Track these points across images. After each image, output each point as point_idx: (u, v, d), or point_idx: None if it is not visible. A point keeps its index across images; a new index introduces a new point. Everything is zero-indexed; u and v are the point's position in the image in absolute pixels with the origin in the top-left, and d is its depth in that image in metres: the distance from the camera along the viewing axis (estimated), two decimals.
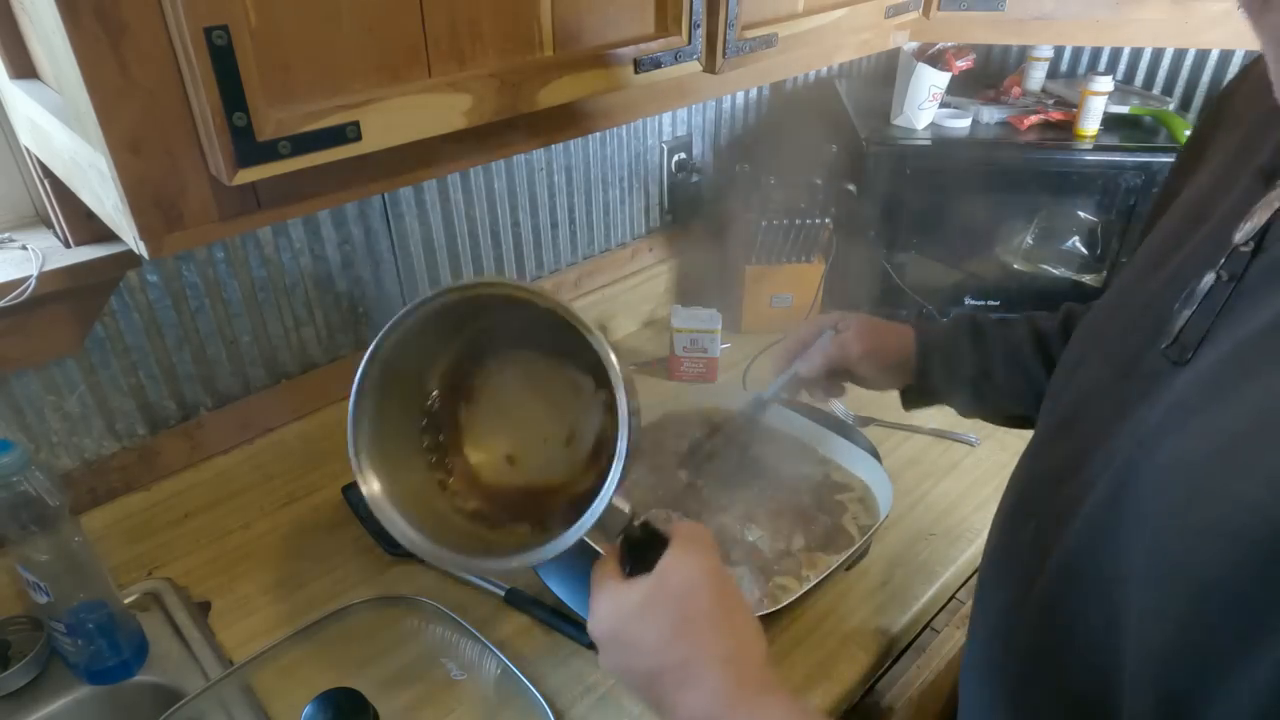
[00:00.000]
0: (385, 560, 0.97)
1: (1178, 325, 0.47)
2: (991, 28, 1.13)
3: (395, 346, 0.63)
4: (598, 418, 0.66)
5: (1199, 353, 0.46)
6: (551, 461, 0.67)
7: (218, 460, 0.99)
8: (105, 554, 0.86)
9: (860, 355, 0.85)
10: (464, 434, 0.69)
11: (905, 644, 0.93)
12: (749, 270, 1.36)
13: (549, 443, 0.67)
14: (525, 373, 0.69)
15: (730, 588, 0.55)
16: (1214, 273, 0.46)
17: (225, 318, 0.96)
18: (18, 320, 0.77)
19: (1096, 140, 1.32)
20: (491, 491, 0.69)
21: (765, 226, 1.32)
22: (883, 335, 0.86)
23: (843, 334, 0.86)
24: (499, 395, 0.69)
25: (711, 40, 0.79)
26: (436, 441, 0.69)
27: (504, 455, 0.69)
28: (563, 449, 0.67)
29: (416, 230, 1.10)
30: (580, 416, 0.66)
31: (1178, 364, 0.47)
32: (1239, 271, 0.45)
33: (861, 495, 1.01)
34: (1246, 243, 0.45)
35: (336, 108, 0.56)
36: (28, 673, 0.80)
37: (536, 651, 0.86)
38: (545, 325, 0.61)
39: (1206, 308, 0.46)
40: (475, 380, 0.69)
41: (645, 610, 0.54)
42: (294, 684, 0.81)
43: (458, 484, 0.69)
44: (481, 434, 0.69)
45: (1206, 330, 0.46)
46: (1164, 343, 0.48)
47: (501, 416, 0.69)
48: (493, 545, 0.66)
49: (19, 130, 0.74)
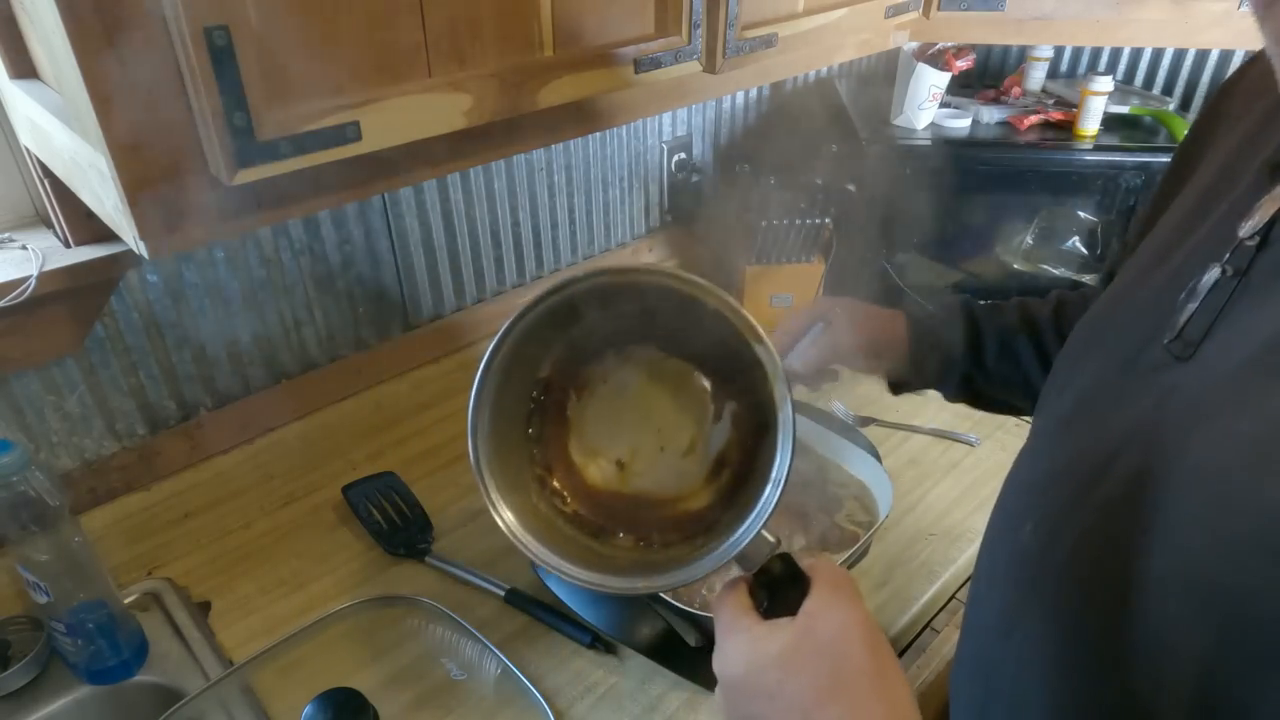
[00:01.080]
0: (385, 560, 0.97)
1: (1181, 320, 0.47)
2: (991, 28, 1.13)
3: (523, 331, 0.58)
4: (725, 431, 0.61)
5: (1202, 348, 0.45)
6: (666, 472, 0.62)
7: (218, 460, 0.99)
8: (105, 554, 0.86)
9: (854, 349, 0.84)
10: (570, 430, 0.63)
11: (905, 644, 0.93)
12: (749, 270, 1.36)
13: (666, 451, 0.62)
14: (649, 372, 0.63)
15: (884, 644, 0.49)
16: (1219, 267, 0.46)
17: (225, 318, 0.96)
18: (18, 320, 0.77)
19: (1096, 140, 1.32)
20: (595, 496, 0.63)
21: (765, 226, 1.32)
22: (875, 326, 0.85)
23: (835, 327, 0.85)
24: (616, 393, 0.63)
25: (711, 40, 0.79)
26: (541, 433, 0.63)
27: (614, 459, 0.63)
28: (679, 460, 0.62)
29: (416, 230, 1.10)
30: (705, 427, 0.61)
31: (1180, 359, 0.46)
32: (1244, 266, 0.45)
33: (861, 495, 1.01)
34: (1252, 237, 0.45)
35: (336, 108, 0.56)
36: (28, 673, 0.80)
37: (536, 651, 0.86)
38: (689, 323, 0.57)
39: (1210, 303, 0.46)
40: (591, 372, 0.63)
41: (792, 659, 0.48)
42: (294, 684, 0.81)
43: (560, 482, 0.63)
44: (592, 433, 0.63)
45: (1210, 326, 0.45)
46: (1167, 337, 0.47)
47: (616, 417, 0.63)
48: (609, 560, 0.61)
49: (19, 130, 0.74)
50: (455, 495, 1.07)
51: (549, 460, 0.63)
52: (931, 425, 1.18)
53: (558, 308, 0.58)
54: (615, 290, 0.58)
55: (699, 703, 0.81)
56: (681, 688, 0.82)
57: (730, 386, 0.61)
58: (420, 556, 0.97)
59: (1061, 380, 0.60)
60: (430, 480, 1.09)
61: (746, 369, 0.55)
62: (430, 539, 0.99)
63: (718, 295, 0.54)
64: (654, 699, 0.81)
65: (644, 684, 0.82)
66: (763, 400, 0.56)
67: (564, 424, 0.63)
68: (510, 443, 0.60)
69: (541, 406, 0.63)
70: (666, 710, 0.80)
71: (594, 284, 0.57)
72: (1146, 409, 0.47)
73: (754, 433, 0.59)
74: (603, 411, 0.63)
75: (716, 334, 0.56)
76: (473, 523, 1.03)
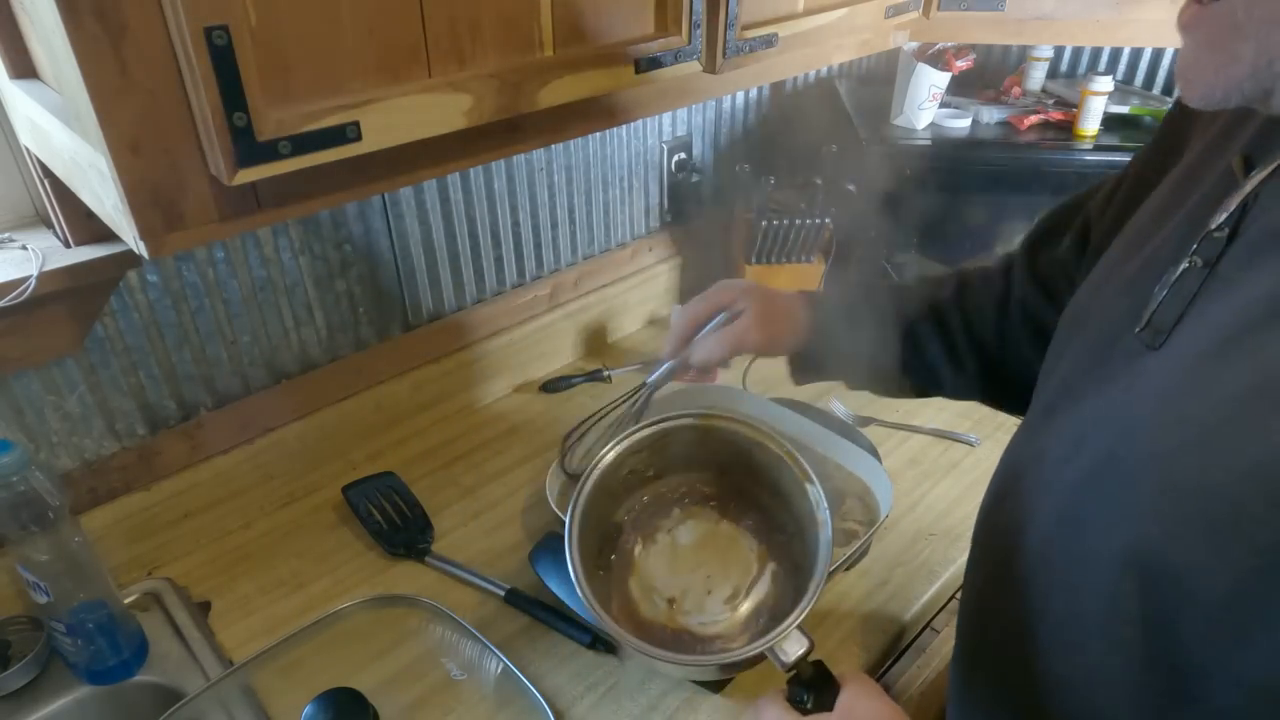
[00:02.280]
0: (385, 560, 0.97)
1: (1151, 309, 0.48)
2: (991, 28, 1.13)
3: (611, 465, 0.72)
4: (765, 588, 0.73)
5: (1171, 337, 0.46)
6: (710, 614, 0.73)
7: (218, 460, 0.99)
8: (105, 554, 0.86)
9: (757, 344, 0.80)
10: (634, 568, 0.75)
11: (905, 644, 0.93)
12: (749, 270, 1.36)
13: (713, 595, 0.74)
14: (706, 532, 0.77)
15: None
16: (1189, 258, 0.47)
17: (225, 318, 0.96)
18: (18, 320, 0.77)
19: (1096, 140, 1.32)
20: (644, 624, 0.73)
21: (765, 226, 1.32)
22: (779, 320, 0.81)
23: (739, 321, 0.80)
24: (676, 544, 0.77)
25: (711, 40, 0.79)
26: (609, 565, 0.75)
27: (667, 597, 0.74)
28: (722, 605, 0.73)
29: (416, 230, 1.10)
30: (748, 582, 0.74)
31: (1151, 348, 0.47)
32: (1213, 257, 0.45)
33: (861, 495, 1.01)
34: (1220, 228, 0.46)
35: (336, 108, 0.56)
36: (28, 673, 0.80)
37: (536, 651, 0.86)
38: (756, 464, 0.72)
39: (1180, 292, 0.47)
40: (659, 524, 0.77)
41: None
42: (294, 684, 0.81)
43: (617, 610, 0.74)
44: (650, 574, 0.75)
45: (1180, 315, 0.46)
46: (1138, 326, 0.49)
47: (674, 564, 0.76)
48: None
49: (19, 130, 0.74)
50: (455, 495, 1.07)
51: (610, 589, 0.75)
52: (931, 425, 1.18)
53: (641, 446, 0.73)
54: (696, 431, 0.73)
55: (699, 703, 0.81)
56: (682, 688, 0.82)
57: (778, 538, 0.75)
58: (420, 556, 0.97)
59: (1048, 366, 0.61)
60: (430, 480, 1.09)
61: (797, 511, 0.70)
62: (430, 539, 0.99)
63: (778, 441, 0.71)
64: (654, 699, 0.81)
65: (644, 684, 0.82)
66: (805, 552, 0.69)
67: (629, 564, 0.76)
68: (586, 569, 0.71)
69: (616, 546, 0.76)
70: (666, 710, 0.80)
71: (680, 423, 0.73)
72: (1117, 395, 0.49)
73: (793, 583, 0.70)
74: (663, 558, 0.76)
75: (776, 474, 0.71)
76: (473, 522, 1.03)
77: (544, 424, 1.21)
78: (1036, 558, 0.52)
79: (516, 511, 1.05)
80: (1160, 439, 0.44)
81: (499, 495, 1.08)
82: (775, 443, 0.71)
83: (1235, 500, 0.39)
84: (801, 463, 0.70)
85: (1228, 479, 0.39)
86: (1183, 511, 0.41)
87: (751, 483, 0.77)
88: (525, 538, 1.01)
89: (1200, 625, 0.40)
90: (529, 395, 1.27)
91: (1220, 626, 0.39)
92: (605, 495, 0.74)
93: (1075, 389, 0.54)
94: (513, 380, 1.28)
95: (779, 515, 0.76)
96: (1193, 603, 0.40)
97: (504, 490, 1.08)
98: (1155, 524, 0.43)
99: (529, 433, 1.19)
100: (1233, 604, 0.39)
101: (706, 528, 0.77)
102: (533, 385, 1.29)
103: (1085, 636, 0.47)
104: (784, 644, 0.60)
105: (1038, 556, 0.52)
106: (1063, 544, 0.50)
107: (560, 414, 1.23)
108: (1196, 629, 0.41)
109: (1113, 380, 0.49)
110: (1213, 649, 0.40)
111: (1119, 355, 0.50)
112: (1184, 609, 0.41)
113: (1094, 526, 0.47)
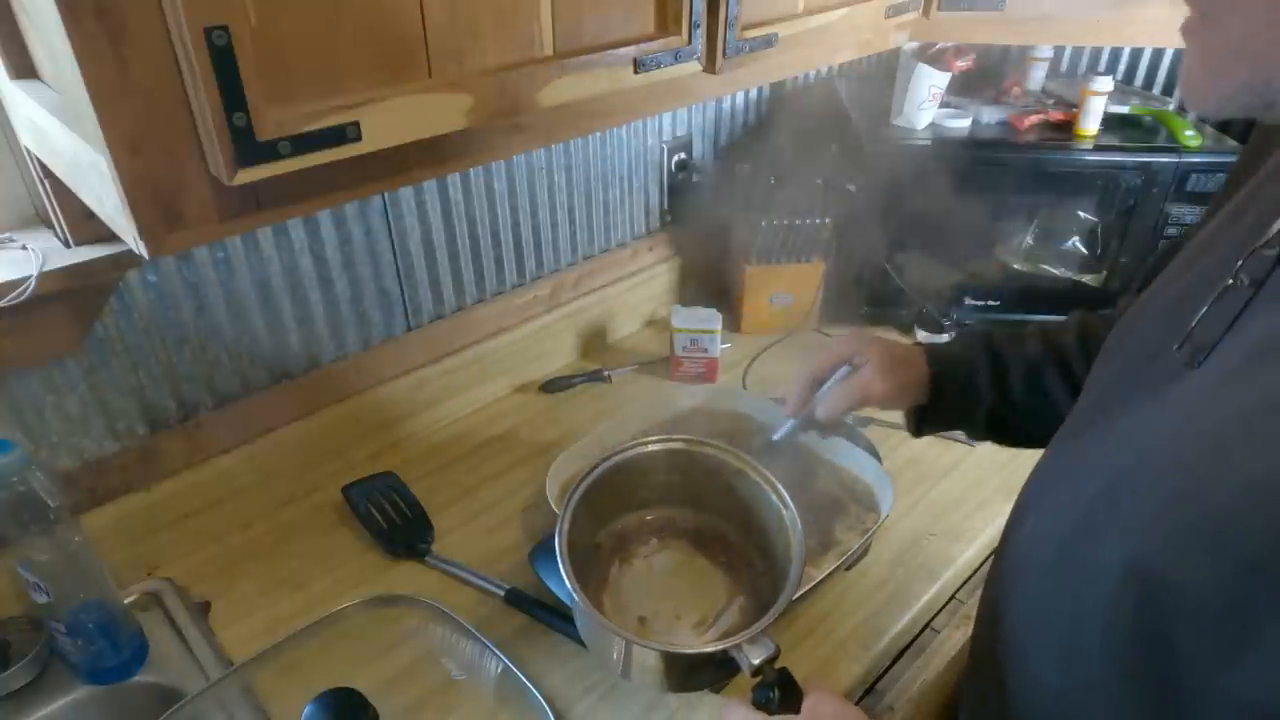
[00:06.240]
0: (385, 560, 0.97)
1: (1191, 326, 0.47)
2: (991, 28, 1.13)
3: (595, 484, 0.74)
4: (733, 618, 0.75)
5: (1211, 356, 0.45)
6: (677, 637, 0.75)
7: (218, 460, 0.99)
8: (105, 554, 0.86)
9: (883, 396, 0.79)
10: (609, 586, 0.78)
11: (905, 644, 0.93)
12: (749, 270, 1.36)
13: (681, 620, 0.76)
14: (680, 562, 0.81)
15: None
16: (1234, 276, 0.46)
17: (225, 318, 0.96)
18: (18, 320, 0.77)
19: (1096, 140, 1.31)
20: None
21: (765, 226, 1.32)
22: (903, 370, 0.80)
23: (862, 372, 0.79)
24: (652, 569, 0.80)
25: (711, 40, 0.79)
26: (587, 583, 0.76)
27: (638, 615, 0.77)
28: (690, 630, 0.76)
29: (416, 230, 1.10)
30: (715, 612, 0.76)
31: (1189, 366, 0.46)
32: (1261, 276, 0.44)
33: (861, 495, 1.01)
34: (1270, 245, 0.45)
35: (336, 108, 0.56)
36: (28, 673, 0.80)
37: (536, 651, 0.86)
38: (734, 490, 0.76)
39: (1222, 310, 0.46)
40: (635, 549, 0.81)
41: None
42: (294, 684, 0.81)
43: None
44: (624, 593, 0.78)
45: (1222, 334, 0.45)
46: (1176, 344, 0.48)
47: (647, 588, 0.79)
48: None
49: (19, 130, 0.74)
50: (455, 495, 1.07)
51: (587, 598, 0.76)
52: None
53: (626, 466, 0.76)
54: (679, 455, 0.78)
55: (698, 702, 0.81)
56: None
57: (747, 574, 0.79)
58: (420, 556, 0.97)
59: (1088, 384, 0.61)
60: (430, 480, 1.09)
61: (771, 547, 0.75)
62: (430, 539, 0.99)
63: (760, 471, 0.75)
64: (654, 698, 0.81)
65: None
66: (774, 589, 0.70)
67: (605, 581, 0.79)
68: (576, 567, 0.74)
69: (594, 563, 0.79)
70: (666, 710, 0.80)
71: (665, 448, 0.78)
72: (1148, 411, 0.48)
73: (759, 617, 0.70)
74: (638, 581, 0.79)
75: (754, 505, 0.76)
76: (473, 522, 1.03)
77: (544, 424, 1.21)
78: (1048, 569, 0.52)
79: (516, 511, 1.05)
80: (1177, 453, 0.43)
81: (499, 495, 1.08)
82: (757, 472, 0.75)
83: (1235, 514, 0.38)
84: (780, 490, 0.74)
85: (1231, 493, 0.39)
86: (1185, 524, 0.41)
87: (727, 519, 0.81)
88: (525, 538, 1.01)
89: (1193, 642, 0.40)
90: (529, 395, 1.27)
91: (1213, 644, 0.39)
92: (591, 512, 0.76)
93: (1109, 406, 0.53)
94: (513, 380, 1.28)
95: (750, 552, 0.80)
96: (1187, 618, 0.40)
97: (504, 490, 1.08)
98: (1159, 537, 0.42)
99: (529, 433, 1.19)
100: (1225, 621, 0.38)
101: (681, 559, 0.81)
102: (533, 385, 1.29)
103: (1083, 648, 0.47)
104: (750, 646, 0.62)
105: (1050, 568, 0.52)
106: (1074, 555, 0.49)
107: (560, 414, 1.23)
108: (1190, 645, 0.40)
109: (1146, 397, 0.49)
110: (1205, 666, 0.39)
111: (1156, 373, 0.49)
112: (1179, 624, 0.40)
113: (1105, 538, 0.46)
